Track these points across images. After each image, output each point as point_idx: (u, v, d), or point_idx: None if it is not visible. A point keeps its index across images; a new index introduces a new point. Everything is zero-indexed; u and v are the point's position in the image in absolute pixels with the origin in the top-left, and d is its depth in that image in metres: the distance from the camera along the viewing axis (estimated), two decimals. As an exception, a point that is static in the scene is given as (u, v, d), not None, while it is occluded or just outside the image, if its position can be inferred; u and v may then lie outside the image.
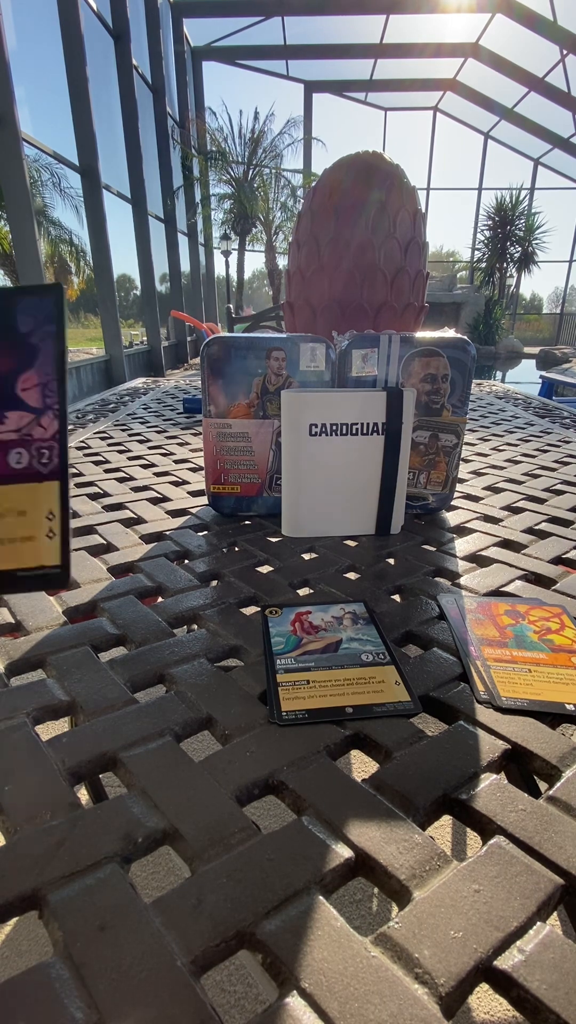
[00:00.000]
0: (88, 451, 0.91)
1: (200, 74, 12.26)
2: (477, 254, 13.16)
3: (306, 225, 0.60)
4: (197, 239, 11.87)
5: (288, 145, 11.22)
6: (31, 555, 0.24)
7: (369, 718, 0.31)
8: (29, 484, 0.23)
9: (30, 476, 0.23)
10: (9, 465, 0.22)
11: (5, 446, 0.22)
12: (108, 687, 0.33)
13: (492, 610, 0.42)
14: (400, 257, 0.59)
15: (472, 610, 0.42)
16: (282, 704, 0.32)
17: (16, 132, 4.32)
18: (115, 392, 1.60)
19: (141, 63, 8.15)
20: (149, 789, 0.26)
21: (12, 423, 0.22)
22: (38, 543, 0.23)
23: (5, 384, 0.22)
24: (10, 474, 0.23)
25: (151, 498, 0.68)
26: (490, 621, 0.41)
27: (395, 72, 12.48)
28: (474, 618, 0.41)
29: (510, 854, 0.24)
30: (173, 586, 0.46)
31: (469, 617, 0.41)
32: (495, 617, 0.41)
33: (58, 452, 0.23)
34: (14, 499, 0.23)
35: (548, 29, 9.72)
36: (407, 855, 0.23)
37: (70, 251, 8.85)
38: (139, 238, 8.10)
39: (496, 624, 0.40)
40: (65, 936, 0.20)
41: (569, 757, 0.29)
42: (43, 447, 0.22)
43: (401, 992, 0.19)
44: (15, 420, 0.22)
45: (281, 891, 0.22)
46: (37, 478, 0.23)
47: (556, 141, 12.83)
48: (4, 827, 0.25)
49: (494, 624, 0.40)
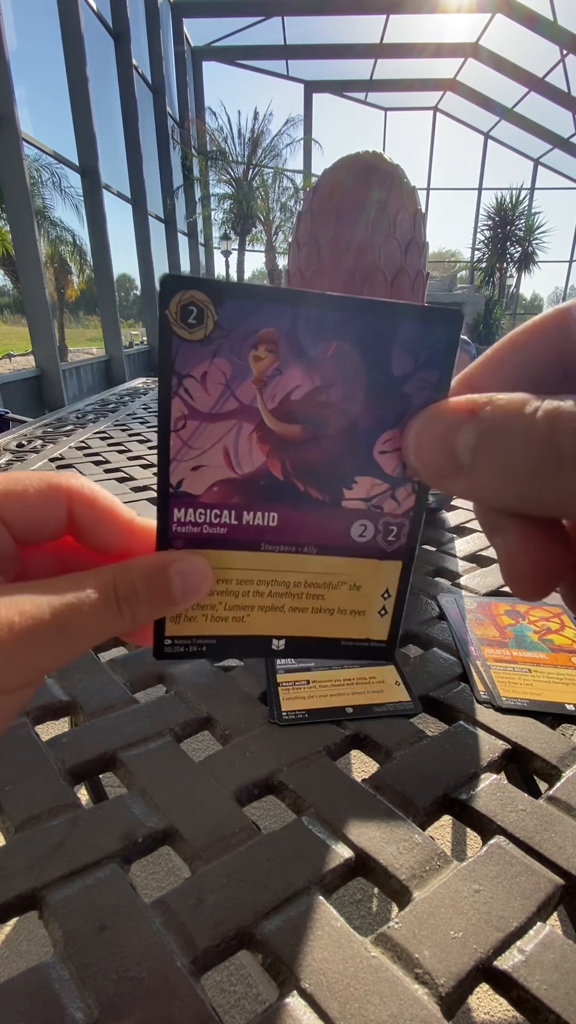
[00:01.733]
0: (88, 451, 0.91)
1: (200, 74, 12.26)
2: (477, 254, 13.16)
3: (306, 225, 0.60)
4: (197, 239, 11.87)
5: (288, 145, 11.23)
6: (358, 628, 0.20)
7: (369, 718, 0.31)
8: (369, 560, 0.19)
9: (373, 552, 0.19)
10: (351, 537, 0.19)
11: (349, 515, 0.19)
12: (108, 687, 0.33)
13: (492, 610, 0.42)
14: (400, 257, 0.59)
15: (472, 610, 0.42)
16: (282, 704, 0.32)
17: (16, 132, 4.33)
18: (115, 392, 1.60)
19: (141, 63, 8.15)
20: (149, 789, 0.26)
21: (362, 490, 0.18)
22: (368, 618, 0.20)
23: (362, 441, 0.18)
24: (350, 547, 0.19)
25: (151, 498, 0.68)
26: (490, 621, 0.41)
27: (395, 72, 12.48)
28: (474, 618, 0.41)
29: (510, 854, 0.24)
30: (173, 586, 0.46)
31: (469, 617, 0.41)
32: (495, 617, 0.41)
33: (408, 531, 0.19)
34: (351, 573, 0.20)
35: (548, 29, 9.72)
36: (407, 855, 0.23)
37: (70, 251, 8.85)
38: (139, 238, 8.10)
39: (496, 624, 0.40)
40: (65, 936, 0.20)
41: (569, 757, 0.29)
42: (392, 523, 0.19)
43: (401, 992, 0.19)
44: (365, 487, 0.18)
45: (281, 891, 0.22)
46: (380, 555, 0.19)
47: (556, 141, 12.84)
48: (4, 827, 0.25)
49: (494, 624, 0.40)
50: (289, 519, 0.19)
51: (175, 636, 0.20)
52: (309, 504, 0.19)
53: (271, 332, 0.17)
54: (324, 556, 0.19)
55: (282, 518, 0.19)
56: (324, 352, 0.17)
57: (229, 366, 0.17)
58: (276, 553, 0.19)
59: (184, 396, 0.17)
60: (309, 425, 0.18)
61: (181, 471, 0.18)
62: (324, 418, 0.18)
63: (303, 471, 0.18)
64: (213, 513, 0.19)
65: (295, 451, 0.18)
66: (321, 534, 0.19)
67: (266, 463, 0.18)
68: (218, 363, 0.17)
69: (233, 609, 0.20)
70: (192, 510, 0.18)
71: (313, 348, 0.17)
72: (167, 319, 0.16)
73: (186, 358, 0.17)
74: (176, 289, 0.16)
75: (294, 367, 0.17)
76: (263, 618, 0.20)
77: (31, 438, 1.02)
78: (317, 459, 0.18)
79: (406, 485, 0.19)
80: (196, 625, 0.20)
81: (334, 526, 0.19)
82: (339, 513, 0.19)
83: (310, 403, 0.18)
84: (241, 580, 0.20)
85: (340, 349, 0.17)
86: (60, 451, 0.91)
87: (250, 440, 0.18)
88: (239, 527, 0.19)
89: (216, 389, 0.17)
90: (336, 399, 0.18)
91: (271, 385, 0.17)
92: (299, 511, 0.19)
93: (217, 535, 0.19)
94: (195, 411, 0.17)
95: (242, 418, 0.18)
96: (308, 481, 0.19)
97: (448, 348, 0.17)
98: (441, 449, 0.15)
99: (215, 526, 0.19)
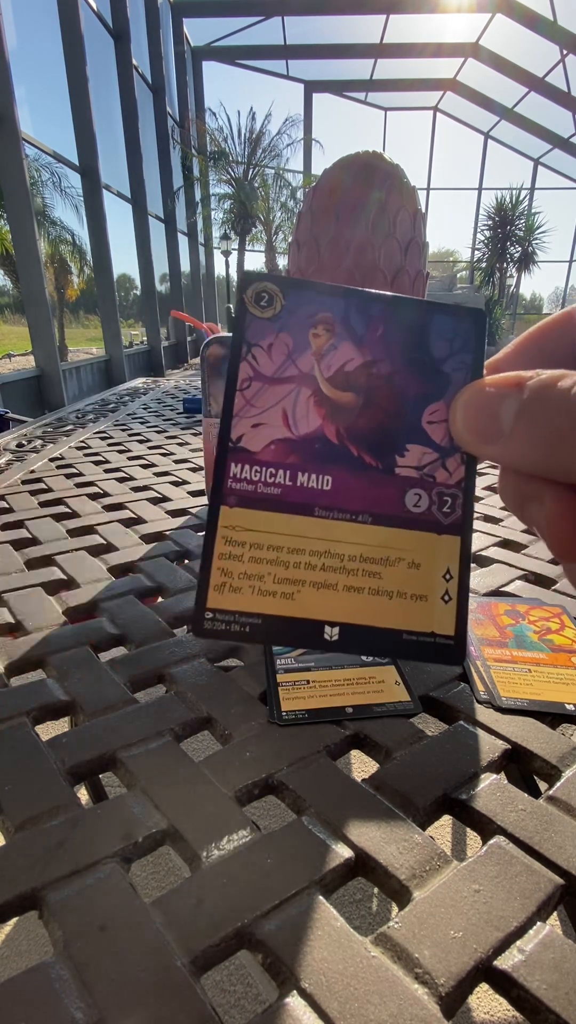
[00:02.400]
0: (88, 451, 0.91)
1: (200, 74, 12.26)
2: (477, 254, 13.16)
3: (306, 225, 0.60)
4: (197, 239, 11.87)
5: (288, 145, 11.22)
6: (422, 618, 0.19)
7: (369, 718, 0.31)
8: (427, 534, 0.19)
9: (429, 524, 0.19)
10: (406, 506, 0.19)
11: (403, 483, 0.19)
12: (108, 687, 0.33)
13: (492, 610, 0.42)
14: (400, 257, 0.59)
15: (472, 610, 0.42)
16: (282, 704, 0.32)
17: (16, 132, 4.33)
18: (115, 392, 1.60)
19: (141, 63, 8.15)
20: (149, 789, 0.26)
21: (413, 458, 0.19)
22: (431, 605, 0.19)
23: (410, 411, 0.19)
24: (406, 517, 0.19)
25: (151, 498, 0.68)
26: (490, 621, 0.41)
27: (395, 72, 12.48)
28: (474, 618, 0.41)
29: (510, 854, 0.24)
30: (173, 586, 0.46)
31: (469, 617, 0.41)
32: (495, 617, 0.41)
33: (462, 503, 0.19)
34: (409, 548, 0.19)
35: (548, 29, 9.72)
36: (407, 855, 0.23)
37: (70, 251, 8.85)
38: (139, 238, 8.10)
39: (496, 624, 0.40)
40: (65, 936, 0.20)
41: (569, 757, 0.29)
42: (446, 494, 0.19)
43: (401, 992, 0.19)
44: (416, 455, 0.19)
45: (281, 891, 0.22)
46: (436, 528, 0.19)
47: (556, 141, 12.83)
48: (4, 827, 0.25)
49: (494, 624, 0.40)
50: (343, 483, 0.20)
51: (217, 609, 0.19)
52: (362, 469, 0.20)
53: (328, 316, 0.20)
54: (379, 526, 0.20)
55: (336, 481, 0.20)
56: (373, 333, 0.20)
57: (291, 340, 0.20)
58: (330, 520, 0.20)
59: (251, 361, 0.19)
60: (361, 394, 0.20)
61: (242, 427, 0.20)
62: (375, 388, 0.20)
63: (356, 436, 0.20)
64: (268, 471, 0.20)
65: (349, 416, 0.20)
66: (375, 501, 0.20)
67: (321, 426, 0.20)
68: (283, 336, 0.19)
69: (282, 583, 0.20)
70: (249, 466, 0.20)
71: (363, 330, 0.20)
72: (244, 301, 0.19)
73: (256, 331, 0.19)
74: (252, 281, 0.19)
75: (347, 344, 0.20)
76: (315, 597, 0.20)
77: (31, 438, 1.02)
78: (369, 425, 0.20)
79: (455, 456, 0.20)
80: (241, 598, 0.19)
81: (388, 493, 0.20)
82: (392, 480, 0.20)
83: (362, 374, 0.20)
84: (293, 548, 0.20)
85: (387, 332, 0.20)
86: (60, 451, 0.91)
87: (307, 403, 0.20)
88: (293, 488, 0.20)
89: (279, 357, 0.20)
90: (385, 372, 0.20)
91: (327, 357, 0.20)
92: (353, 476, 0.20)
93: (271, 495, 0.20)
94: (259, 374, 0.20)
95: (301, 383, 0.20)
96: (362, 446, 0.20)
97: (478, 337, 0.20)
98: (486, 415, 0.17)
99: (270, 485, 0.20)
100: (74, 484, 0.73)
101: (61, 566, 0.49)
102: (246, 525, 0.20)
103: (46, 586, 0.46)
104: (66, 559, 0.51)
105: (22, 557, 0.51)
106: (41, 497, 0.68)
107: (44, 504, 0.66)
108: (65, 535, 0.56)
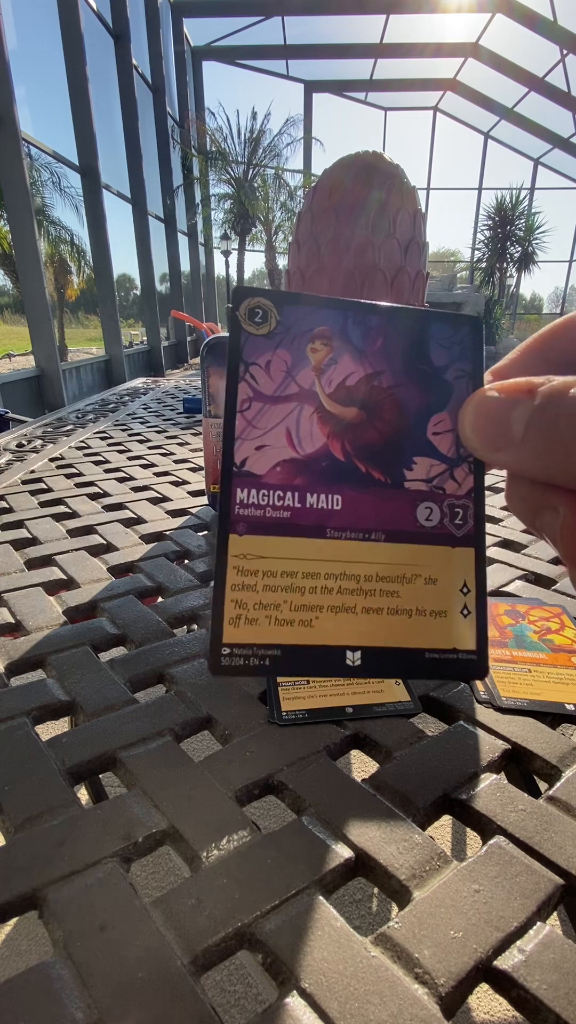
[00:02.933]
0: (88, 451, 0.91)
1: (200, 74, 12.26)
2: (477, 254, 13.15)
3: (306, 225, 0.60)
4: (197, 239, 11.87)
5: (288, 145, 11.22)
6: (443, 634, 0.19)
7: (369, 718, 0.31)
8: (441, 547, 0.19)
9: (442, 538, 0.19)
10: (418, 521, 0.19)
11: (413, 497, 0.19)
12: (108, 687, 0.33)
13: (492, 610, 0.42)
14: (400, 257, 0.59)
15: (472, 610, 0.42)
16: (282, 704, 0.32)
17: (16, 132, 4.32)
18: (115, 392, 1.60)
19: (141, 63, 8.15)
20: (149, 789, 0.26)
21: (421, 471, 0.19)
22: (451, 620, 0.19)
23: (415, 423, 0.19)
24: (419, 532, 0.19)
25: (151, 498, 0.68)
26: (490, 621, 0.41)
27: (395, 72, 12.48)
28: (474, 618, 0.41)
29: (510, 854, 0.24)
30: (173, 586, 0.46)
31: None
32: (495, 617, 0.41)
33: (473, 513, 0.19)
34: (424, 563, 0.19)
35: (548, 29, 9.71)
36: (407, 855, 0.23)
37: (70, 251, 8.85)
38: (139, 238, 8.10)
39: (496, 624, 0.40)
40: (65, 936, 0.20)
41: (569, 757, 0.29)
42: (457, 505, 0.19)
43: (401, 992, 0.19)
44: (424, 468, 0.19)
45: (281, 891, 0.22)
46: (450, 541, 0.19)
47: (556, 141, 12.83)
48: (4, 827, 0.25)
49: (494, 624, 0.40)
50: (353, 502, 0.19)
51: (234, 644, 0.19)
52: (372, 486, 0.19)
53: (325, 329, 0.19)
54: (393, 543, 0.19)
55: (346, 500, 0.19)
56: (372, 345, 0.19)
57: (290, 356, 0.19)
58: (343, 540, 0.19)
59: (250, 380, 0.19)
60: (365, 408, 0.19)
61: (245, 450, 0.19)
62: (378, 401, 0.19)
63: (363, 452, 0.19)
64: (276, 495, 0.19)
65: (354, 432, 0.19)
66: (387, 518, 0.19)
67: (327, 444, 0.19)
68: (280, 353, 0.19)
69: (300, 610, 0.19)
70: (255, 491, 0.19)
71: (362, 342, 0.19)
72: (237, 318, 0.19)
73: (253, 349, 0.19)
74: (245, 296, 0.19)
75: (347, 357, 0.19)
76: (333, 622, 0.19)
77: (31, 438, 1.02)
78: (375, 440, 0.19)
79: (463, 465, 0.19)
80: (258, 630, 0.19)
81: (399, 509, 0.19)
82: (403, 495, 0.19)
83: (364, 387, 0.19)
84: (307, 573, 0.19)
85: (386, 343, 0.19)
86: (60, 451, 0.91)
87: (311, 421, 0.19)
88: (303, 510, 0.19)
89: (279, 375, 0.19)
90: (387, 384, 0.19)
91: (327, 372, 0.19)
92: (363, 493, 0.19)
93: (281, 519, 0.19)
94: (259, 393, 0.19)
95: (303, 400, 0.19)
96: (369, 462, 0.19)
97: (475, 344, 0.20)
98: (496, 422, 0.16)
99: (279, 509, 0.19)
100: (74, 484, 0.73)
101: (61, 566, 0.49)
102: (257, 552, 0.19)
103: (46, 586, 0.46)
104: (66, 559, 0.51)
105: (22, 557, 0.51)
106: (41, 497, 0.68)
107: (44, 504, 0.66)
108: (65, 535, 0.56)
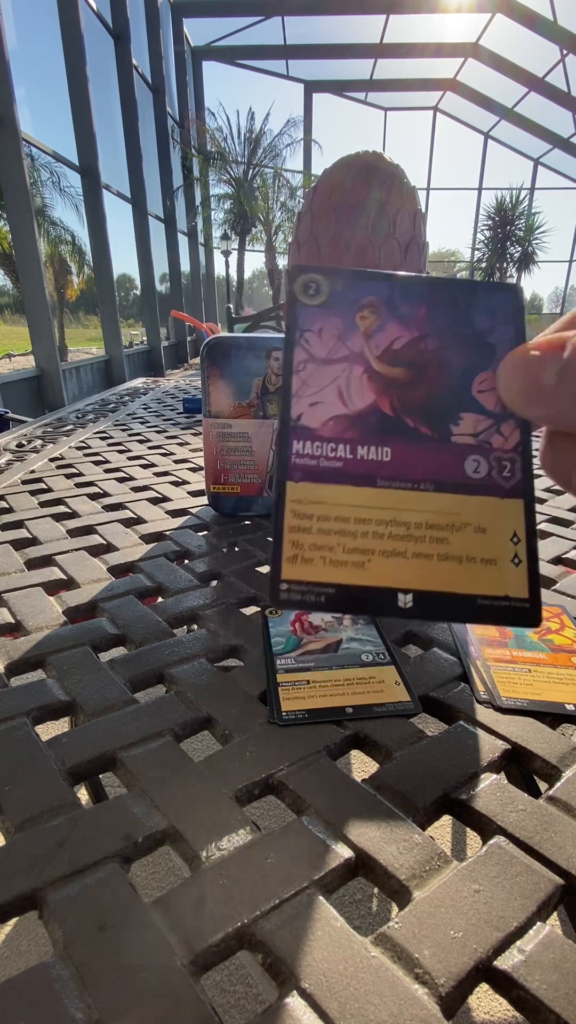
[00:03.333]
0: (88, 451, 0.91)
1: (200, 74, 12.26)
2: (477, 254, 13.16)
3: (306, 225, 0.60)
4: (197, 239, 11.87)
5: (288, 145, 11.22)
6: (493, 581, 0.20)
7: (369, 718, 0.31)
8: (490, 498, 0.20)
9: (490, 489, 0.20)
10: (466, 473, 0.20)
11: (461, 451, 0.20)
12: (108, 687, 0.33)
13: (492, 610, 0.42)
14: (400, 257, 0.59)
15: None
16: (282, 704, 0.32)
17: (16, 132, 4.32)
18: (115, 392, 1.60)
19: (141, 63, 8.15)
20: (149, 789, 0.26)
21: (468, 426, 0.20)
22: (501, 569, 0.20)
23: (460, 381, 0.20)
24: (467, 483, 0.20)
25: (151, 498, 0.68)
26: (490, 621, 0.41)
27: (395, 72, 12.47)
28: (474, 618, 0.41)
29: (510, 854, 0.24)
30: (173, 586, 0.46)
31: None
32: (495, 617, 0.41)
33: (521, 466, 0.20)
34: (472, 513, 0.20)
35: (548, 29, 9.71)
36: (407, 855, 0.23)
37: (70, 251, 8.85)
38: (139, 238, 8.10)
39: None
40: (65, 936, 0.20)
41: (569, 757, 0.29)
42: (504, 459, 0.20)
43: (401, 992, 0.19)
44: (471, 423, 0.20)
45: (281, 891, 0.22)
46: (498, 492, 0.20)
47: (556, 141, 12.83)
48: (4, 827, 0.25)
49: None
50: (402, 454, 0.20)
51: (291, 580, 0.20)
52: (420, 439, 0.20)
53: (373, 299, 0.21)
54: (442, 493, 0.20)
55: (395, 453, 0.21)
56: (417, 312, 0.20)
57: (340, 323, 0.21)
58: (393, 489, 0.20)
59: (305, 345, 0.21)
60: (412, 368, 0.21)
61: (300, 406, 0.21)
62: (424, 362, 0.21)
63: (411, 408, 0.21)
64: (329, 446, 0.21)
65: (401, 390, 0.21)
66: (435, 470, 0.20)
67: (376, 401, 0.21)
68: (332, 320, 0.21)
69: (352, 552, 0.20)
70: (310, 442, 0.21)
71: (408, 310, 0.20)
72: (294, 292, 0.21)
73: (307, 318, 0.21)
74: (300, 272, 0.21)
75: (394, 324, 0.21)
76: (386, 565, 0.20)
77: (31, 438, 1.02)
78: (422, 397, 0.21)
79: (510, 421, 0.20)
80: (314, 568, 0.20)
81: (447, 461, 0.20)
82: (450, 448, 0.20)
83: (411, 349, 0.21)
84: (359, 519, 0.20)
85: (431, 309, 0.20)
86: (60, 451, 0.91)
87: (360, 380, 0.21)
88: (354, 461, 0.21)
89: (331, 340, 0.21)
90: (432, 347, 0.21)
91: (376, 337, 0.21)
92: (411, 446, 0.20)
93: (334, 468, 0.21)
94: (313, 356, 0.21)
95: (352, 362, 0.21)
96: (417, 417, 0.21)
97: (517, 309, 0.20)
98: (530, 377, 0.17)
99: (331, 459, 0.21)
100: (74, 484, 0.73)
101: (61, 566, 0.49)
102: (312, 498, 0.20)
103: (46, 586, 0.46)
104: (66, 559, 0.51)
105: (22, 557, 0.51)
106: (41, 497, 0.68)
107: (44, 504, 0.66)
108: (65, 535, 0.56)
